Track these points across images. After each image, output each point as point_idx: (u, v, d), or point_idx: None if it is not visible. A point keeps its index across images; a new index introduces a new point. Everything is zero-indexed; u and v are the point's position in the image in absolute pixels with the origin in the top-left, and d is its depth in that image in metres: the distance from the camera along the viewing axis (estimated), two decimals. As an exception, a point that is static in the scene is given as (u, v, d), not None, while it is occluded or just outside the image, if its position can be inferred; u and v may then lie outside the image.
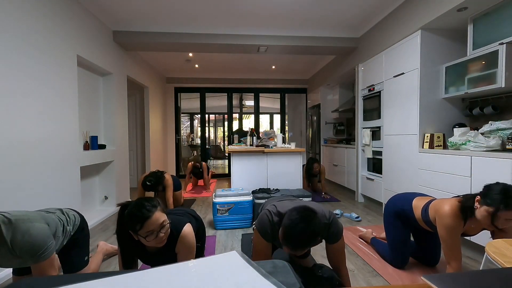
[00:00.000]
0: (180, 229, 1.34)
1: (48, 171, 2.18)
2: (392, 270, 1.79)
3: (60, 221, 1.39)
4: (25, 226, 1.15)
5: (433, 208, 1.54)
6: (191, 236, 1.35)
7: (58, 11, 2.34)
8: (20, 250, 1.12)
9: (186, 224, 1.38)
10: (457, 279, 0.47)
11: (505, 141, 1.97)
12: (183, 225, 1.36)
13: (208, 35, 3.50)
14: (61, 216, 1.42)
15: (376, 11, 3.09)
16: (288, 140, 6.47)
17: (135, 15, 3.09)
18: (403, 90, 2.80)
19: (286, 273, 0.56)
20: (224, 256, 0.58)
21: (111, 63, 3.30)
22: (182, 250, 1.33)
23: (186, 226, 1.36)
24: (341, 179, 4.39)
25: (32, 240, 1.14)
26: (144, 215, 1.15)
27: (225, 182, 5.59)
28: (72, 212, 1.53)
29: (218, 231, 2.62)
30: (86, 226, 1.61)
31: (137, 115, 4.99)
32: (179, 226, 1.35)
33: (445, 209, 1.43)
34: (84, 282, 0.47)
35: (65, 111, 2.42)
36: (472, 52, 2.27)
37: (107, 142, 3.36)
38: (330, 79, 4.79)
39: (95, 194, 3.33)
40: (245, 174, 3.22)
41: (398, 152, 2.90)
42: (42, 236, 1.17)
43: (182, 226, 1.35)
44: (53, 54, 2.27)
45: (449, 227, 1.41)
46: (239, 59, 4.81)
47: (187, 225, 1.37)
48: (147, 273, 0.52)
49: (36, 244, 1.15)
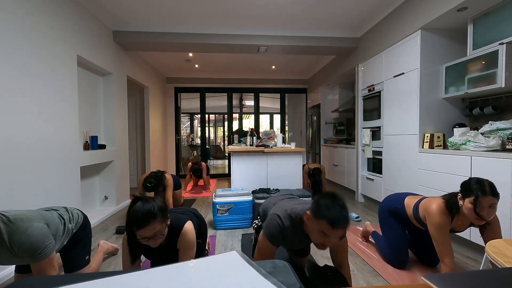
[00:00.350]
0: (181, 226, 1.40)
1: (48, 171, 2.18)
2: (392, 270, 1.79)
3: (61, 220, 1.40)
4: (24, 225, 1.16)
5: (422, 206, 1.64)
6: (191, 233, 1.42)
7: (58, 11, 2.34)
8: (19, 249, 1.13)
9: (187, 222, 1.44)
10: (457, 279, 0.47)
11: (505, 141, 1.97)
12: (184, 223, 1.42)
13: (208, 35, 3.50)
14: (63, 214, 1.44)
15: (376, 11, 3.09)
16: (288, 140, 6.47)
17: (135, 15, 3.09)
18: (403, 90, 2.80)
19: (286, 273, 0.56)
20: (224, 256, 0.58)
21: (111, 63, 3.30)
22: (183, 246, 1.39)
23: (187, 224, 1.43)
24: (341, 179, 4.39)
25: (30, 240, 1.15)
26: (139, 223, 1.18)
27: (225, 182, 5.59)
28: (76, 211, 1.56)
29: (218, 231, 2.62)
30: (89, 225, 1.62)
31: (137, 115, 4.99)
32: (180, 223, 1.42)
33: (433, 207, 1.54)
34: (84, 282, 0.47)
35: (65, 111, 2.42)
36: (472, 52, 2.27)
37: (107, 142, 3.36)
38: (330, 79, 4.78)
39: (95, 194, 3.33)
40: (245, 174, 3.22)
41: (398, 152, 2.90)
42: (40, 236, 1.18)
43: (184, 223, 1.42)
44: (53, 54, 2.27)
45: (437, 225, 1.51)
46: (239, 59, 4.81)
47: (188, 223, 1.43)
48: (147, 273, 0.52)
49: (34, 243, 1.16)
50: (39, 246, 1.17)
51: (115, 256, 2.07)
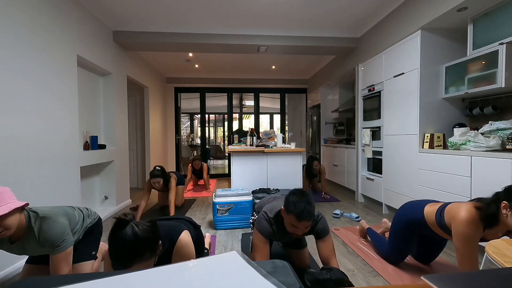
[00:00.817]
0: (176, 238, 1.21)
1: (48, 171, 2.18)
2: (392, 270, 1.79)
3: (81, 214, 1.52)
4: (50, 220, 1.29)
5: (449, 213, 1.44)
6: (189, 245, 1.24)
7: (58, 11, 2.34)
8: (43, 241, 1.26)
9: (183, 232, 1.25)
10: (457, 279, 0.47)
11: (505, 141, 1.97)
12: (179, 233, 1.23)
13: (208, 35, 3.50)
14: (83, 210, 1.57)
15: (376, 11, 3.09)
16: (288, 140, 6.48)
17: (135, 15, 3.09)
18: (403, 90, 2.80)
19: (286, 273, 0.56)
20: (224, 256, 0.58)
21: (111, 63, 3.30)
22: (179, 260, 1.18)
23: (183, 234, 1.23)
24: (341, 179, 4.39)
25: (52, 233, 1.27)
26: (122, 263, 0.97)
27: (225, 182, 5.59)
28: (94, 211, 1.68)
29: (218, 231, 2.62)
30: (101, 225, 1.69)
31: (137, 115, 4.99)
32: (174, 234, 1.23)
33: (462, 216, 1.34)
34: (84, 282, 0.47)
35: (65, 111, 2.42)
36: (472, 52, 2.27)
37: (107, 142, 3.36)
38: (330, 79, 4.78)
39: (95, 194, 3.33)
40: (245, 174, 3.22)
41: (398, 152, 2.90)
42: (61, 230, 1.30)
43: (178, 234, 1.23)
44: (53, 54, 2.27)
45: (466, 237, 1.32)
46: (239, 59, 4.81)
47: (184, 233, 1.24)
48: (147, 273, 0.52)
49: (55, 236, 1.28)
50: (59, 239, 1.28)
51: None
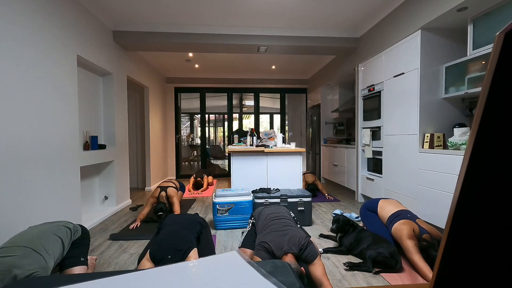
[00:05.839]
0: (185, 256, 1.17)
1: (48, 171, 2.18)
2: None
3: (69, 233, 1.58)
4: None
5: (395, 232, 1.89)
6: None
7: (58, 11, 2.34)
8: None
9: (192, 251, 1.22)
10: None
11: (505, 141, 1.97)
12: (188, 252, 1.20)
13: (208, 35, 3.50)
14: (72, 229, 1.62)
15: (376, 11, 3.09)
16: (288, 140, 6.47)
17: (135, 15, 3.09)
18: (403, 90, 2.80)
19: (286, 273, 0.56)
20: (224, 256, 0.58)
21: (111, 63, 3.30)
22: None
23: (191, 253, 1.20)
24: (341, 179, 4.39)
25: None
26: None
27: (225, 182, 5.59)
28: (78, 227, 1.71)
29: (218, 231, 2.62)
30: (87, 237, 1.71)
31: (137, 115, 4.99)
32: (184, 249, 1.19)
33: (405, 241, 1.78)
34: (84, 282, 0.47)
35: (65, 111, 2.42)
36: (472, 52, 2.27)
37: (107, 142, 3.36)
38: (330, 79, 4.78)
39: (95, 194, 3.33)
40: (245, 174, 3.22)
41: (398, 152, 2.90)
42: None
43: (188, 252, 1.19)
44: (52, 55, 2.27)
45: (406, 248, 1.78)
46: (239, 59, 4.81)
47: (193, 252, 1.21)
48: (147, 273, 0.52)
49: None
50: None
51: (115, 256, 2.07)
